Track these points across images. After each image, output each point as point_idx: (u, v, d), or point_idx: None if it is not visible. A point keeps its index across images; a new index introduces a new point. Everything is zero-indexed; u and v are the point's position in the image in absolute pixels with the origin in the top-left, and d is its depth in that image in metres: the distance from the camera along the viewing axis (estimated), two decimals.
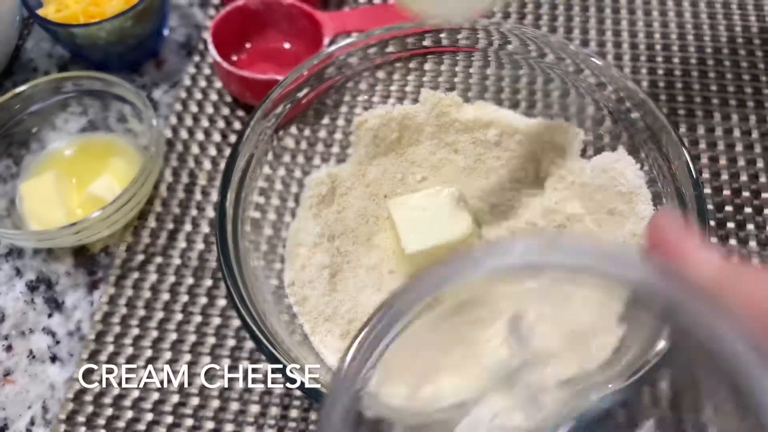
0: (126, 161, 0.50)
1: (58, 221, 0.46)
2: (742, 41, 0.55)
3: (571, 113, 0.46)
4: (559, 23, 0.57)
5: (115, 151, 0.50)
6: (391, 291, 0.21)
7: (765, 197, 0.48)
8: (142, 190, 0.46)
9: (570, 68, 0.44)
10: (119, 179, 0.48)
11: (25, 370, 0.44)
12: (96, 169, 0.49)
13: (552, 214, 0.44)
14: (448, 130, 0.47)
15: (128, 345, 0.44)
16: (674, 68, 0.54)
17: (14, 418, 0.43)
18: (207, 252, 0.47)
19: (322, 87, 0.45)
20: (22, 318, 0.46)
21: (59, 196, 0.47)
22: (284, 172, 0.45)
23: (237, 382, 0.43)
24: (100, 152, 0.50)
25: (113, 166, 0.49)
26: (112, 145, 0.51)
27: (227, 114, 0.54)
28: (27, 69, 0.57)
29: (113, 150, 0.50)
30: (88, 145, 0.51)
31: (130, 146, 0.50)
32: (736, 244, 0.46)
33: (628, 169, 0.42)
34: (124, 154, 0.50)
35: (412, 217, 0.42)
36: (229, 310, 0.45)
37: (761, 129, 0.51)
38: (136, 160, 0.49)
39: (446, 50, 0.47)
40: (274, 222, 0.44)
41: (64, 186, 0.48)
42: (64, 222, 0.46)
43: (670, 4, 0.58)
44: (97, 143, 0.51)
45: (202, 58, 0.57)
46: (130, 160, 0.50)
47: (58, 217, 0.47)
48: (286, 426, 0.41)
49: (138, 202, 0.46)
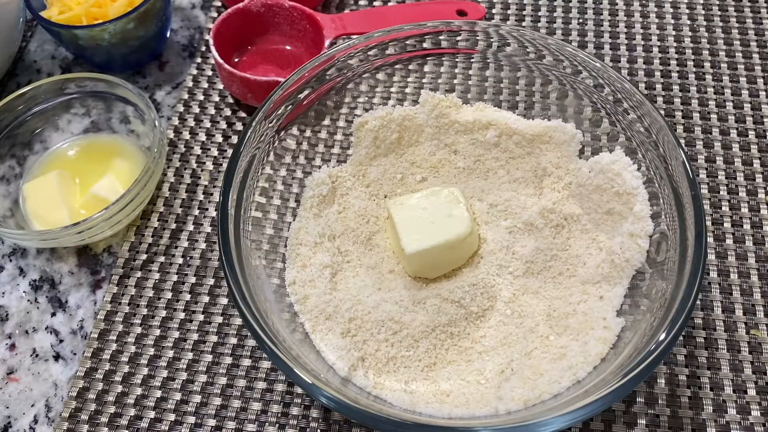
0: (129, 162, 0.50)
1: (62, 221, 0.47)
2: (739, 43, 0.56)
3: (569, 114, 0.46)
4: (557, 25, 0.57)
5: (118, 151, 0.51)
6: None
7: (761, 197, 0.48)
8: (145, 191, 0.46)
9: (568, 70, 0.44)
10: (122, 180, 0.49)
11: (28, 369, 0.45)
12: (99, 169, 0.50)
13: (550, 214, 0.44)
14: (447, 131, 0.48)
15: (131, 343, 0.45)
16: (671, 70, 0.54)
17: (18, 416, 0.43)
18: (209, 251, 0.48)
19: (322, 88, 0.45)
20: (25, 317, 0.46)
21: (62, 196, 0.48)
22: (285, 172, 0.45)
23: (238, 379, 0.43)
24: (102, 153, 0.51)
25: (116, 166, 0.50)
26: (115, 146, 0.51)
27: (229, 115, 0.54)
28: (30, 70, 0.58)
29: (116, 151, 0.51)
30: (91, 146, 0.51)
31: (132, 147, 0.51)
32: (733, 244, 0.46)
33: (625, 170, 0.42)
34: (127, 155, 0.50)
35: (411, 217, 0.43)
36: (230, 309, 0.45)
37: (758, 130, 0.51)
38: (138, 161, 0.50)
39: (446, 52, 0.47)
40: (275, 222, 0.44)
41: (67, 186, 0.49)
42: (68, 222, 0.46)
43: (667, 7, 0.58)
44: (99, 144, 0.51)
45: (204, 59, 0.57)
46: (133, 161, 0.50)
47: (62, 217, 0.47)
48: (287, 423, 0.42)
49: (141, 202, 0.47)
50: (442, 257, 0.43)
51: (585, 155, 0.46)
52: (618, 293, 0.41)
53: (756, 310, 0.44)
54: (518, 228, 0.44)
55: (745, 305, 0.44)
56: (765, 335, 0.43)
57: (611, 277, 0.41)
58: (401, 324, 0.41)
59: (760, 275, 0.45)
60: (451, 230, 0.42)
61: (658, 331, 0.34)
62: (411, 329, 0.41)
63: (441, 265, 0.43)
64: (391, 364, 0.40)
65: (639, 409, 0.41)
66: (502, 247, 0.44)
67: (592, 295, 0.41)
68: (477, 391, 0.39)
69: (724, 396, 0.41)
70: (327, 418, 0.42)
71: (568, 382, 0.38)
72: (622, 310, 0.40)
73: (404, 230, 0.42)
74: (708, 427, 0.40)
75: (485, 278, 0.43)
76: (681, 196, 0.38)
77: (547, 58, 0.45)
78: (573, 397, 0.35)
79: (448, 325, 0.41)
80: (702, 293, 0.45)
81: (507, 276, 0.43)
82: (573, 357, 0.39)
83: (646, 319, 0.37)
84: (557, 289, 0.42)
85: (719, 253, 0.46)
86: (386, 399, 0.39)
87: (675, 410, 0.41)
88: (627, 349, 0.37)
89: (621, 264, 0.41)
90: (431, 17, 0.54)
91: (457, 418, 0.37)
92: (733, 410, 0.41)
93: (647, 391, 0.41)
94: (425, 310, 0.42)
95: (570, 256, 0.43)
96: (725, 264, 0.46)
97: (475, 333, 0.41)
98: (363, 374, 0.39)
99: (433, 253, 0.42)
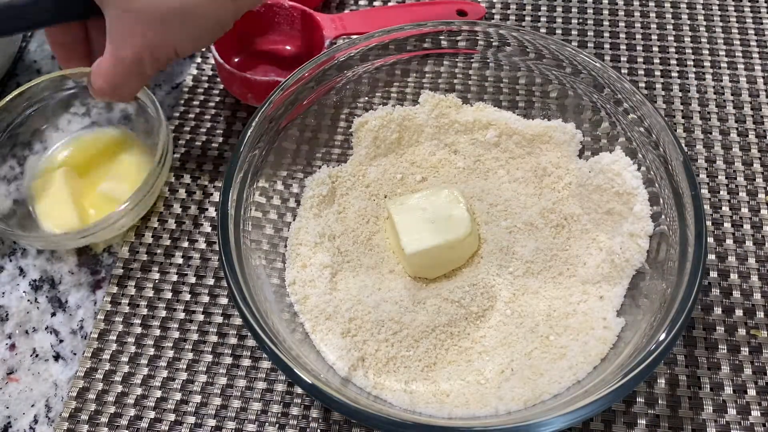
0: (134, 157, 0.50)
1: (72, 222, 0.47)
2: (739, 43, 0.56)
3: (569, 114, 0.46)
4: (557, 25, 0.57)
5: (122, 147, 0.51)
6: None
7: (761, 198, 0.48)
8: (155, 188, 0.46)
9: (568, 70, 0.44)
10: (128, 177, 0.48)
11: (28, 369, 0.45)
12: (103, 167, 0.49)
13: (550, 214, 0.44)
14: (447, 131, 0.48)
15: (131, 343, 0.45)
16: (671, 70, 0.54)
17: (18, 416, 0.43)
18: (209, 251, 0.48)
19: (323, 88, 0.45)
20: (25, 317, 0.46)
21: (71, 196, 0.48)
22: (285, 172, 0.45)
23: (238, 379, 0.43)
24: (106, 150, 0.51)
25: (121, 163, 0.50)
26: (119, 141, 0.51)
27: (229, 115, 0.54)
28: (30, 71, 0.58)
29: (120, 147, 0.51)
30: (94, 142, 0.51)
31: (137, 143, 0.51)
32: (733, 245, 0.46)
33: (625, 170, 0.42)
34: (132, 151, 0.50)
35: (411, 217, 0.43)
36: (230, 309, 0.46)
37: (758, 130, 0.51)
38: (144, 157, 0.50)
39: (446, 52, 0.47)
40: (275, 222, 0.44)
41: (74, 185, 0.49)
42: (77, 222, 0.46)
43: (667, 7, 0.58)
44: (103, 140, 0.51)
45: (204, 59, 0.57)
46: (139, 157, 0.50)
47: (72, 217, 0.47)
48: (287, 423, 0.42)
49: (146, 205, 0.47)
50: (442, 257, 0.43)
51: (585, 155, 0.46)
52: (618, 293, 0.41)
53: (756, 310, 0.44)
54: (518, 228, 0.44)
55: (745, 305, 0.44)
56: (765, 335, 0.43)
57: (611, 277, 0.41)
58: (401, 324, 0.41)
59: (760, 276, 0.45)
60: (451, 230, 0.42)
61: (658, 331, 0.34)
62: (411, 329, 0.41)
63: (441, 265, 0.43)
64: (391, 364, 0.40)
65: (639, 409, 0.41)
66: (502, 247, 0.44)
67: (592, 295, 0.41)
68: (477, 391, 0.39)
69: (724, 396, 0.41)
70: (327, 418, 0.42)
71: (568, 382, 0.38)
72: (622, 310, 0.40)
73: (404, 230, 0.42)
74: (708, 427, 0.40)
75: (485, 278, 0.43)
76: (681, 196, 0.38)
77: (547, 58, 0.45)
78: (573, 397, 0.35)
79: (448, 325, 0.41)
80: (702, 293, 0.45)
81: (507, 276, 0.43)
82: (573, 357, 0.39)
83: (646, 319, 0.37)
84: (557, 289, 0.42)
85: (719, 254, 0.46)
86: (386, 399, 0.39)
87: (675, 410, 0.41)
88: (627, 349, 0.37)
89: (621, 264, 0.41)
90: (431, 17, 0.54)
91: (457, 418, 0.37)
92: (733, 410, 0.41)
93: (647, 391, 0.41)
94: (425, 310, 0.42)
95: (570, 256, 0.43)
96: (725, 264, 0.46)
97: (475, 333, 0.41)
98: (363, 374, 0.39)
99: (433, 253, 0.42)
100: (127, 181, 0.48)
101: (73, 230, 0.45)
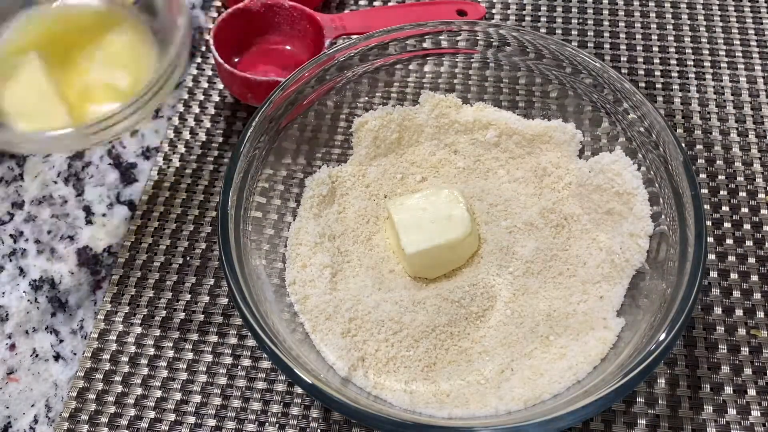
0: (124, 39, 0.39)
1: (59, 119, 0.37)
2: (739, 43, 0.56)
3: (569, 114, 0.46)
4: (557, 25, 0.57)
5: (110, 25, 0.40)
6: None
7: (761, 198, 0.48)
8: (173, 77, 0.36)
9: (568, 70, 0.45)
10: (121, 64, 0.39)
11: (28, 369, 0.45)
12: (87, 49, 0.39)
13: (550, 214, 0.44)
14: (447, 131, 0.48)
15: (131, 343, 0.45)
16: (671, 70, 0.54)
17: (18, 416, 0.43)
18: (209, 251, 0.48)
19: (323, 88, 0.45)
20: (25, 317, 0.46)
21: (51, 86, 0.37)
22: (285, 172, 0.45)
23: (238, 379, 0.43)
24: (88, 27, 0.40)
25: (109, 46, 0.39)
26: (105, 17, 0.41)
27: (229, 115, 0.54)
28: None
29: (106, 24, 0.40)
30: (68, 19, 0.40)
31: (125, 20, 0.40)
32: (733, 244, 0.46)
33: (625, 170, 0.42)
34: (119, 32, 0.40)
35: (411, 217, 0.43)
36: (230, 309, 0.46)
37: (758, 130, 0.51)
38: (137, 38, 0.39)
39: (446, 52, 0.47)
40: (275, 222, 0.44)
41: (53, 73, 0.38)
42: (67, 121, 0.36)
43: (667, 7, 0.58)
44: (83, 16, 0.41)
45: (204, 59, 0.57)
46: (130, 38, 0.39)
47: (58, 113, 0.37)
48: (287, 423, 0.42)
49: (158, 100, 0.36)
50: (442, 257, 0.43)
51: (585, 155, 0.46)
52: (618, 293, 0.41)
53: (756, 310, 0.44)
54: (518, 228, 0.44)
55: (745, 305, 0.44)
56: (765, 335, 0.43)
57: (611, 277, 0.41)
58: (401, 324, 0.41)
59: (760, 275, 0.45)
60: (451, 230, 0.42)
61: (658, 331, 0.34)
62: (411, 329, 0.41)
63: (441, 266, 0.43)
64: (391, 364, 0.40)
65: (639, 409, 0.41)
66: (502, 247, 0.44)
67: (592, 295, 0.41)
68: (477, 391, 0.39)
69: (724, 396, 0.41)
70: (327, 418, 0.42)
71: (568, 382, 0.38)
72: (622, 310, 0.40)
73: (404, 230, 0.42)
74: (708, 427, 0.40)
75: (485, 278, 0.43)
76: (681, 196, 0.38)
77: (547, 58, 0.45)
78: (573, 397, 0.35)
79: (448, 325, 0.41)
80: (702, 293, 0.45)
81: (507, 276, 0.43)
82: (573, 357, 0.39)
83: (646, 319, 0.37)
84: (557, 289, 0.42)
85: (719, 254, 0.46)
86: (386, 399, 0.39)
87: (675, 410, 0.41)
88: (627, 349, 0.37)
89: (621, 264, 0.41)
90: (431, 17, 0.54)
91: (457, 418, 0.37)
92: (733, 410, 0.41)
93: (647, 391, 0.41)
94: (425, 310, 0.42)
95: (570, 256, 0.43)
96: (725, 264, 0.46)
97: (475, 333, 0.41)
98: (363, 374, 0.40)
99: (433, 253, 0.42)
100: (124, 69, 0.38)
101: (82, 124, 0.34)
